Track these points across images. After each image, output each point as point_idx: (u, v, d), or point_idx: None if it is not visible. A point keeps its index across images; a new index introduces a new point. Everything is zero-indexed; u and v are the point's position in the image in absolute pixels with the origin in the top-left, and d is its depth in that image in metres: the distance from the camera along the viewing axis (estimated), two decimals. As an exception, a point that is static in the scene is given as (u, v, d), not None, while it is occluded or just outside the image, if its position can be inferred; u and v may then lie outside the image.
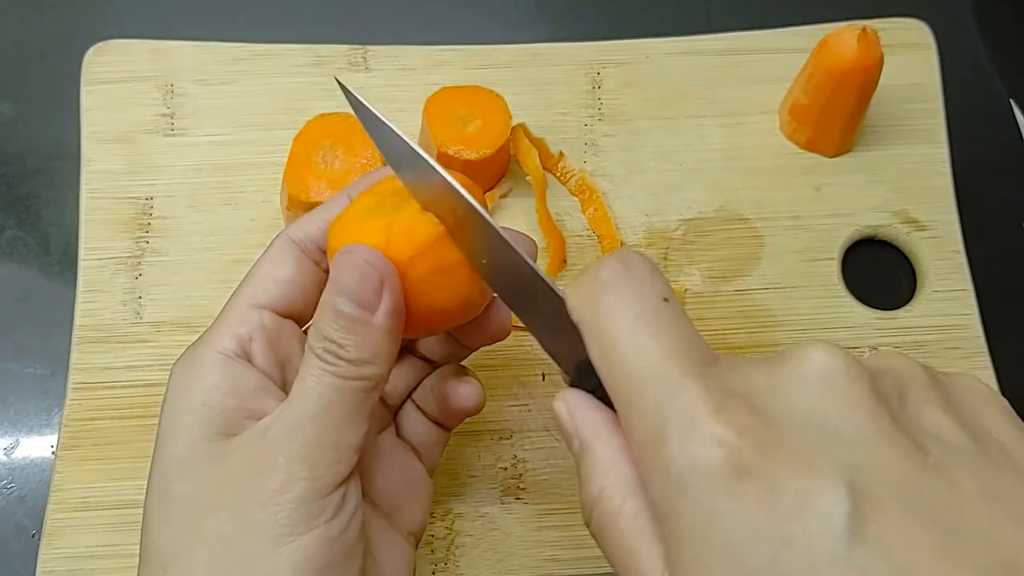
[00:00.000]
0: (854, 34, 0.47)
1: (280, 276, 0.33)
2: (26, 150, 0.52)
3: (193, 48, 0.52)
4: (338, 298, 0.29)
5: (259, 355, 0.32)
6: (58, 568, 0.43)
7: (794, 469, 0.22)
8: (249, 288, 0.33)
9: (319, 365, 0.29)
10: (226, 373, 0.31)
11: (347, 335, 0.29)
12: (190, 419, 0.30)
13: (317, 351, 0.29)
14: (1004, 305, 0.51)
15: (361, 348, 0.29)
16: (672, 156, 0.52)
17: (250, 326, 0.32)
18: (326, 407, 0.29)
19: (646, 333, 0.26)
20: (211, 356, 0.31)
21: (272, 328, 0.32)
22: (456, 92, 0.48)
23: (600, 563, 0.44)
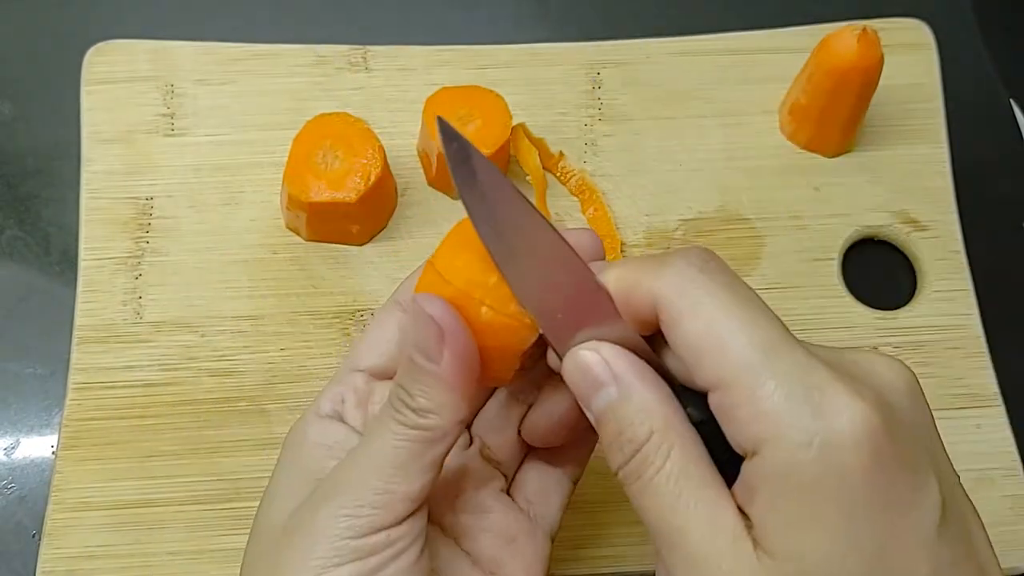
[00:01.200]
0: (854, 34, 0.47)
1: (379, 339, 0.35)
2: (26, 150, 0.52)
3: (193, 48, 0.52)
4: (411, 348, 0.30)
5: (350, 414, 0.34)
6: (58, 568, 0.43)
7: (911, 467, 0.26)
8: (352, 353, 0.35)
9: (387, 410, 0.31)
10: (319, 429, 0.33)
11: (414, 384, 0.30)
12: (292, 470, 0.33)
13: (391, 399, 0.31)
14: (1004, 305, 0.51)
15: (425, 398, 0.30)
16: (672, 156, 0.52)
17: (343, 388, 0.34)
18: (381, 450, 0.30)
19: (757, 311, 0.27)
20: (309, 417, 0.34)
21: (364, 389, 0.34)
22: (456, 92, 0.48)
23: (600, 563, 0.44)
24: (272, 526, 0.32)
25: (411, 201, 0.50)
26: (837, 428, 0.25)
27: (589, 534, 0.44)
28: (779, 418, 0.25)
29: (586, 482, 0.45)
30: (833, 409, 0.25)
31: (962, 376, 0.48)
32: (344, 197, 0.45)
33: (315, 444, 0.33)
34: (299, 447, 0.34)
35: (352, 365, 0.35)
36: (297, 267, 0.48)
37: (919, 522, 0.25)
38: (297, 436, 0.34)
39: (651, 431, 0.27)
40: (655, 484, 0.27)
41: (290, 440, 0.34)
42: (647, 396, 0.28)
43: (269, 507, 0.32)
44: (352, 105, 0.51)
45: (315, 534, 0.29)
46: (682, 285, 0.28)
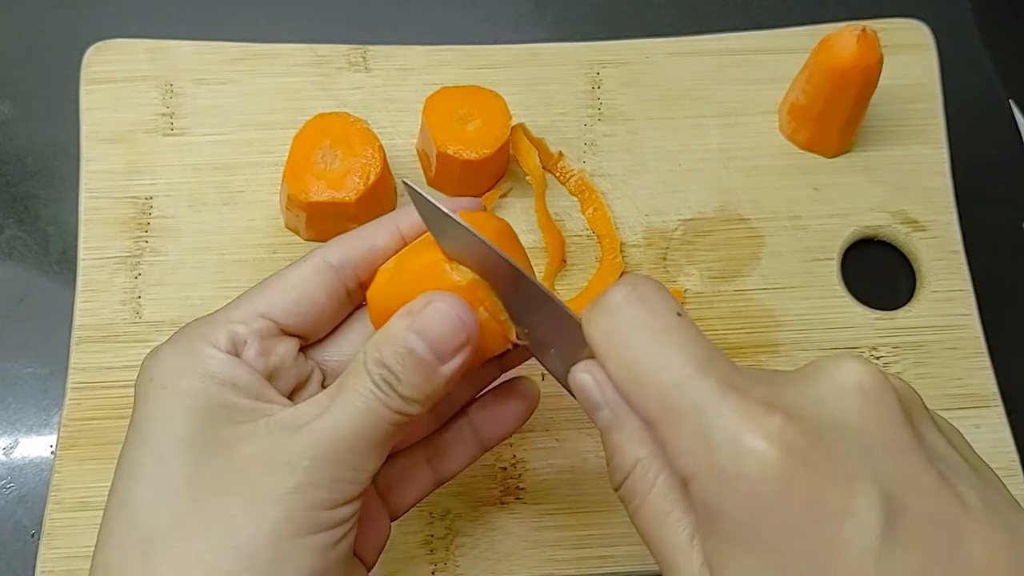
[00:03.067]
0: (854, 34, 0.47)
1: (300, 297, 0.33)
2: (26, 150, 0.52)
3: (193, 48, 0.52)
4: (417, 339, 0.30)
5: (250, 358, 0.32)
6: (57, 568, 0.43)
7: (835, 475, 0.24)
8: (259, 297, 0.33)
9: (371, 388, 0.30)
10: (223, 365, 0.31)
11: (410, 374, 0.30)
12: (191, 402, 0.30)
13: (374, 376, 0.30)
14: (1004, 305, 0.51)
15: (417, 389, 0.30)
16: (672, 156, 0.52)
17: (246, 329, 0.32)
18: (364, 428, 0.30)
19: (670, 347, 0.27)
20: (205, 348, 0.31)
21: (269, 338, 0.33)
22: (456, 92, 0.48)
23: (600, 563, 0.44)
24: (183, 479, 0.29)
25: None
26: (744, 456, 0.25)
27: (589, 534, 0.44)
28: (694, 456, 0.26)
29: (586, 483, 0.45)
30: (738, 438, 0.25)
31: (961, 376, 0.48)
32: (344, 197, 0.45)
33: (224, 382, 0.30)
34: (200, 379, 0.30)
35: (262, 309, 0.33)
36: (297, 267, 0.48)
37: (857, 531, 0.24)
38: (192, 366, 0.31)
39: (636, 459, 0.28)
40: (642, 511, 0.28)
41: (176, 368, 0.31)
42: (635, 423, 0.28)
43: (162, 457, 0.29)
44: (352, 105, 0.51)
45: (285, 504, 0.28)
46: (605, 327, 0.28)
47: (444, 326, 0.30)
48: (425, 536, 0.44)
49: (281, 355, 0.33)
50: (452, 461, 0.37)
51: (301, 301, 0.33)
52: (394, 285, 0.32)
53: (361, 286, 0.34)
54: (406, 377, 0.30)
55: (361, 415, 0.30)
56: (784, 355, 0.48)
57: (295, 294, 0.33)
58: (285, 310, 0.33)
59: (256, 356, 0.32)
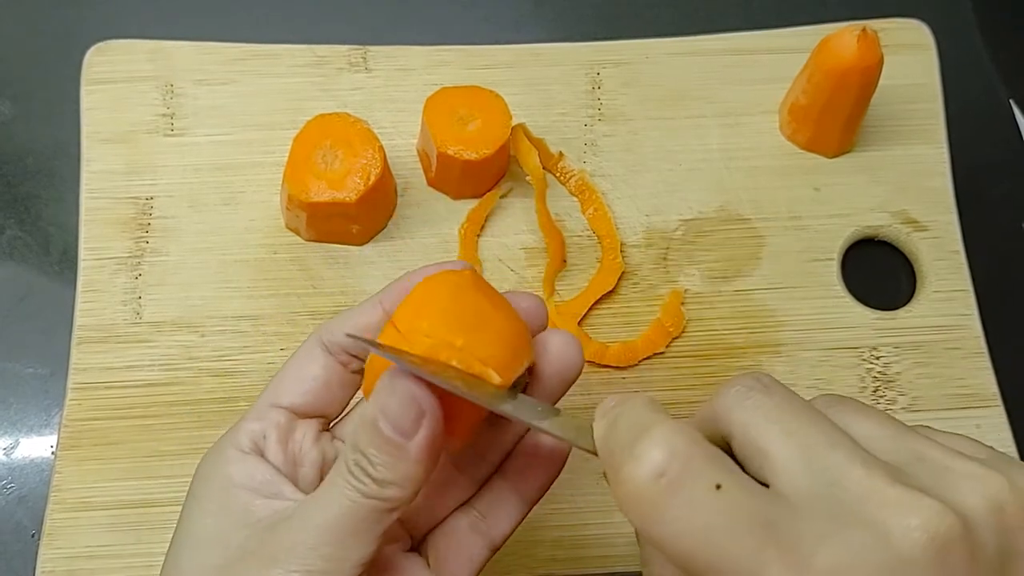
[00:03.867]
0: (854, 34, 0.47)
1: (303, 376, 0.34)
2: (26, 150, 0.52)
3: (193, 48, 0.52)
4: (381, 417, 0.30)
5: (271, 451, 0.33)
6: (58, 568, 0.43)
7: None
8: (271, 389, 0.35)
9: (345, 476, 0.30)
10: (241, 467, 0.32)
11: (379, 454, 0.30)
12: (212, 507, 0.32)
13: (348, 462, 0.30)
14: (1004, 305, 0.51)
15: (390, 470, 0.30)
16: (672, 156, 0.52)
17: (264, 424, 0.34)
18: (338, 517, 0.30)
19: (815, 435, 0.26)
20: (228, 451, 0.33)
21: (286, 426, 0.34)
22: (456, 92, 0.48)
23: (600, 563, 0.44)
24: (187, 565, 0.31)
25: (411, 201, 0.50)
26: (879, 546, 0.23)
27: (589, 534, 0.44)
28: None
29: (586, 483, 0.45)
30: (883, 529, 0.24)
31: (962, 376, 0.48)
32: (344, 197, 0.45)
33: (241, 485, 0.32)
34: (221, 487, 0.32)
35: (272, 400, 0.34)
36: (297, 267, 0.48)
37: None
38: (216, 473, 0.33)
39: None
40: None
41: (206, 476, 0.33)
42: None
43: (192, 553, 0.31)
44: (352, 105, 0.51)
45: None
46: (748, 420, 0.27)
47: (395, 400, 0.30)
48: (425, 536, 0.44)
49: (299, 440, 0.34)
50: (498, 523, 0.36)
51: (304, 382, 0.34)
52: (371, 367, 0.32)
53: (353, 359, 0.35)
54: (376, 459, 0.30)
55: (335, 504, 0.30)
56: (785, 355, 0.48)
57: (297, 375, 0.35)
58: (293, 394, 0.34)
59: (276, 447, 0.33)
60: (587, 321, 0.48)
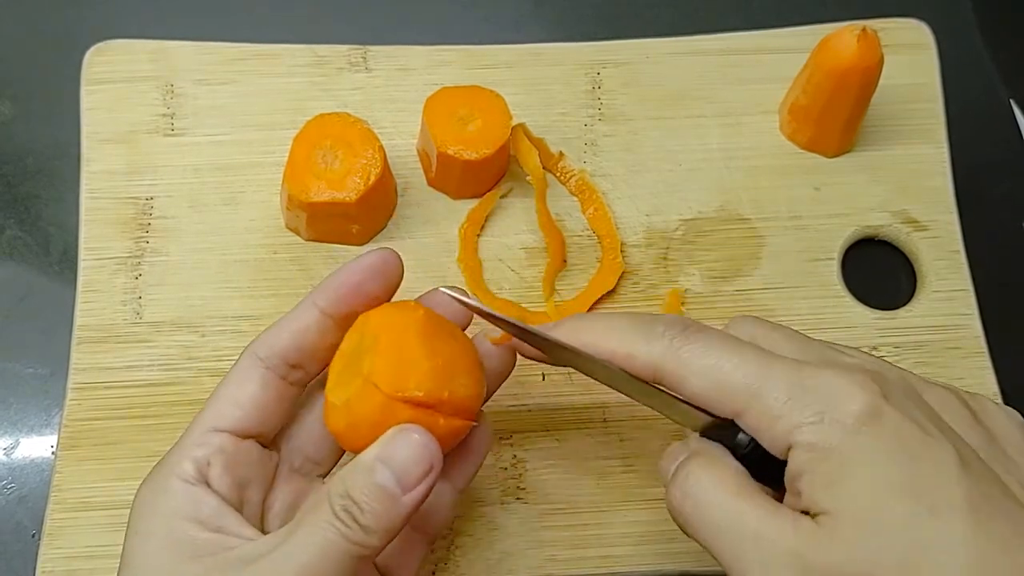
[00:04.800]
0: (854, 34, 0.47)
1: (241, 398, 0.34)
2: (26, 150, 0.52)
3: (193, 48, 0.52)
4: (382, 468, 0.30)
5: (216, 479, 0.33)
6: (58, 568, 0.43)
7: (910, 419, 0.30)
8: (210, 411, 0.34)
9: (331, 520, 0.30)
10: (186, 499, 0.32)
11: (371, 503, 0.30)
12: (156, 543, 0.31)
13: (335, 507, 0.30)
14: (1004, 305, 0.51)
15: (379, 519, 0.30)
16: (672, 156, 0.52)
17: (207, 450, 0.33)
18: (321, 561, 0.30)
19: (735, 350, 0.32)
20: (171, 481, 0.32)
21: (231, 451, 0.33)
22: (456, 92, 0.48)
23: (600, 563, 0.44)
24: None
25: (411, 201, 0.50)
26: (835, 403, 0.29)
27: (589, 535, 0.44)
28: (790, 415, 0.30)
29: (586, 483, 0.45)
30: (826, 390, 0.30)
31: (962, 376, 0.48)
32: (344, 197, 0.45)
33: (188, 518, 0.31)
34: (166, 521, 0.32)
35: (212, 424, 0.33)
36: (297, 267, 0.48)
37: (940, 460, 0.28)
38: (160, 506, 0.32)
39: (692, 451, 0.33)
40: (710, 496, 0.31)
41: (148, 509, 0.32)
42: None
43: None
44: (352, 105, 0.51)
45: None
46: (675, 353, 0.32)
47: (411, 455, 0.30)
48: (426, 536, 0.44)
49: (245, 463, 0.34)
50: (436, 515, 0.37)
51: (242, 402, 0.34)
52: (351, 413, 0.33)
53: (294, 368, 0.35)
54: (368, 507, 0.30)
55: (319, 548, 0.30)
56: (784, 355, 0.48)
57: (234, 396, 0.34)
58: (232, 416, 0.34)
59: (222, 473, 0.33)
60: (587, 321, 0.48)
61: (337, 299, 0.35)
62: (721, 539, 0.30)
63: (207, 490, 0.32)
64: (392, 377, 0.32)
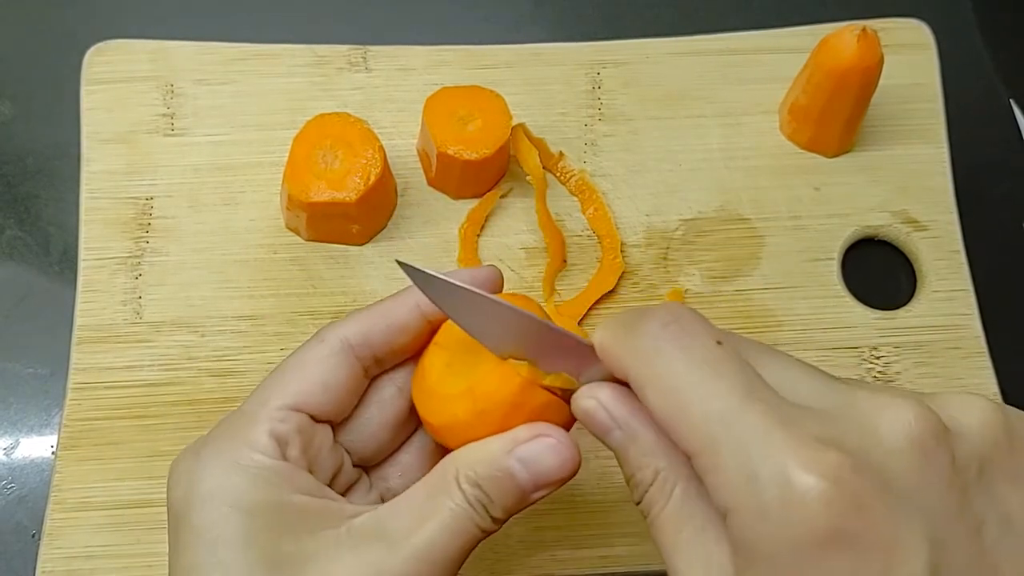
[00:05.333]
0: (854, 34, 0.47)
1: (330, 382, 0.32)
2: (26, 150, 0.53)
3: (193, 48, 0.52)
4: (521, 469, 0.30)
5: (295, 459, 0.31)
6: (58, 568, 0.43)
7: (883, 535, 0.24)
8: (293, 386, 0.32)
9: (464, 507, 0.30)
10: (276, 471, 0.30)
11: (504, 497, 0.30)
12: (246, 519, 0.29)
13: (468, 495, 0.30)
14: (1004, 305, 0.51)
15: (506, 511, 0.31)
16: (672, 156, 0.52)
17: (288, 427, 0.31)
18: (452, 540, 0.30)
19: (714, 376, 0.26)
20: (251, 454, 0.30)
21: (308, 432, 0.32)
22: (456, 92, 0.48)
23: (600, 563, 0.44)
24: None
25: (411, 201, 0.50)
26: (793, 494, 0.24)
27: (589, 534, 0.44)
28: (735, 490, 0.25)
29: (586, 483, 0.45)
30: (788, 476, 0.24)
31: (962, 376, 0.48)
32: (344, 197, 0.45)
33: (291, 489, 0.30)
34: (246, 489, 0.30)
35: (289, 400, 0.32)
36: (297, 267, 0.48)
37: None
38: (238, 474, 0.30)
39: (656, 471, 0.28)
40: (659, 522, 0.28)
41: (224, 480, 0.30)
42: (649, 438, 0.29)
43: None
44: (352, 105, 0.51)
45: None
46: (645, 353, 0.27)
47: (554, 463, 0.30)
48: (425, 536, 0.44)
49: (318, 447, 0.33)
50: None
51: (329, 387, 0.32)
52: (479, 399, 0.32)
53: (377, 362, 0.34)
54: (499, 500, 0.30)
55: (454, 531, 0.30)
56: (784, 355, 0.48)
57: (324, 380, 0.32)
58: (317, 399, 0.32)
59: (300, 455, 0.31)
60: (587, 321, 0.48)
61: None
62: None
63: (292, 465, 0.31)
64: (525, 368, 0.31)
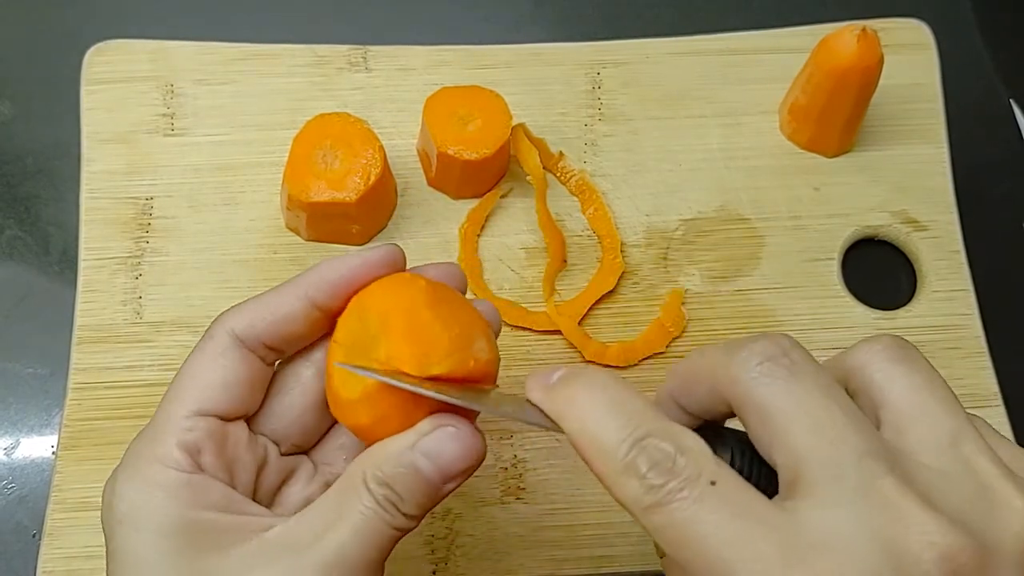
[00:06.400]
0: (854, 34, 0.47)
1: (229, 380, 0.32)
2: (26, 150, 0.53)
3: (193, 48, 0.52)
4: (427, 463, 0.30)
5: (209, 465, 0.31)
6: (58, 568, 0.43)
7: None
8: (193, 392, 0.31)
9: (374, 507, 0.29)
10: (190, 488, 0.30)
11: (414, 494, 0.30)
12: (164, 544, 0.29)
13: (377, 496, 0.29)
14: (1004, 305, 0.51)
15: (419, 507, 0.30)
16: (672, 156, 0.52)
17: (196, 435, 0.31)
18: (368, 547, 0.29)
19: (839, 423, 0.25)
20: (163, 471, 0.30)
21: (219, 435, 0.31)
22: (456, 92, 0.48)
23: (600, 563, 0.44)
24: None
25: (411, 201, 0.50)
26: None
27: (589, 534, 0.44)
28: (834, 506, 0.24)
29: (586, 483, 0.45)
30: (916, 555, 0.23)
31: (962, 376, 0.48)
32: (344, 197, 0.45)
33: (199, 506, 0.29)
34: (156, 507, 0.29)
35: (196, 407, 0.31)
36: (297, 267, 0.48)
37: None
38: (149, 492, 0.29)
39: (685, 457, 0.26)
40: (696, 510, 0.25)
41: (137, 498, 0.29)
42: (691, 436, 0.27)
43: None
44: (352, 105, 0.51)
45: None
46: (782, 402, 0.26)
47: (459, 453, 0.30)
48: (426, 536, 0.44)
49: (233, 446, 0.32)
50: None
51: (228, 384, 0.32)
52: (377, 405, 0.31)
53: (273, 351, 0.33)
54: (409, 496, 0.30)
55: (366, 534, 0.29)
56: (784, 355, 0.48)
57: (221, 379, 0.32)
58: (219, 399, 0.31)
59: (215, 460, 0.31)
60: (587, 321, 0.48)
61: (333, 293, 0.32)
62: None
63: (208, 477, 0.30)
64: (416, 358, 0.30)
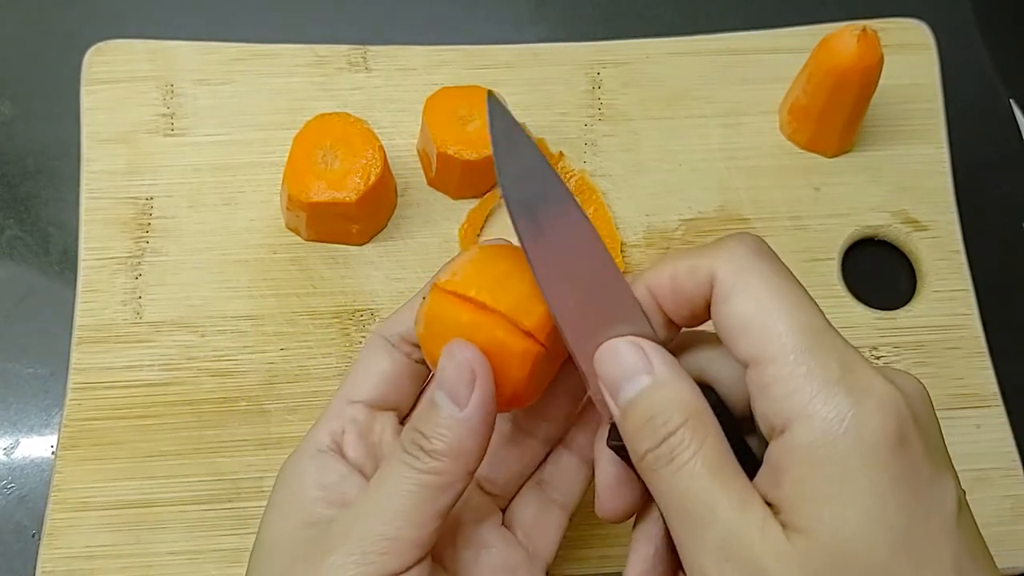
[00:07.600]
0: (854, 34, 0.47)
1: (372, 371, 0.35)
2: (26, 150, 0.53)
3: (193, 48, 0.52)
4: (436, 390, 0.31)
5: (350, 447, 0.34)
6: (58, 568, 0.43)
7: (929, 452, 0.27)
8: (344, 387, 0.35)
9: (400, 456, 0.31)
10: (315, 466, 0.33)
11: (434, 427, 0.30)
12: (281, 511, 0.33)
13: (404, 442, 0.31)
14: (1004, 305, 0.51)
15: (444, 441, 0.30)
16: (672, 156, 0.52)
17: (343, 420, 0.34)
18: (391, 496, 0.30)
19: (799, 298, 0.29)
20: (307, 451, 0.34)
21: (364, 420, 0.34)
22: (456, 92, 0.48)
23: (600, 563, 0.44)
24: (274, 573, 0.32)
25: (411, 201, 0.50)
26: (869, 407, 0.26)
27: (589, 534, 0.44)
28: (814, 394, 0.26)
29: (586, 482, 0.45)
30: (866, 389, 0.26)
31: (962, 376, 0.48)
32: (344, 197, 0.45)
33: (313, 484, 0.33)
34: (295, 486, 0.33)
35: (347, 397, 0.35)
36: (297, 267, 0.48)
37: (941, 507, 0.26)
38: (292, 473, 0.34)
39: (687, 417, 0.28)
40: (689, 467, 0.27)
41: (285, 477, 0.34)
42: (683, 385, 0.29)
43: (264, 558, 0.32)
44: (352, 105, 0.51)
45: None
46: (737, 265, 0.29)
47: (450, 366, 0.30)
48: (426, 536, 0.44)
49: (379, 433, 0.35)
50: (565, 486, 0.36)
51: (373, 374, 0.35)
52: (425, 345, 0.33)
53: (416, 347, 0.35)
54: (432, 432, 0.30)
55: (391, 484, 0.30)
56: (784, 355, 0.48)
57: (367, 371, 0.35)
58: (364, 388, 0.35)
59: (356, 442, 0.34)
60: (587, 321, 0.48)
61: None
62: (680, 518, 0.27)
63: (336, 457, 0.33)
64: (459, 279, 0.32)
